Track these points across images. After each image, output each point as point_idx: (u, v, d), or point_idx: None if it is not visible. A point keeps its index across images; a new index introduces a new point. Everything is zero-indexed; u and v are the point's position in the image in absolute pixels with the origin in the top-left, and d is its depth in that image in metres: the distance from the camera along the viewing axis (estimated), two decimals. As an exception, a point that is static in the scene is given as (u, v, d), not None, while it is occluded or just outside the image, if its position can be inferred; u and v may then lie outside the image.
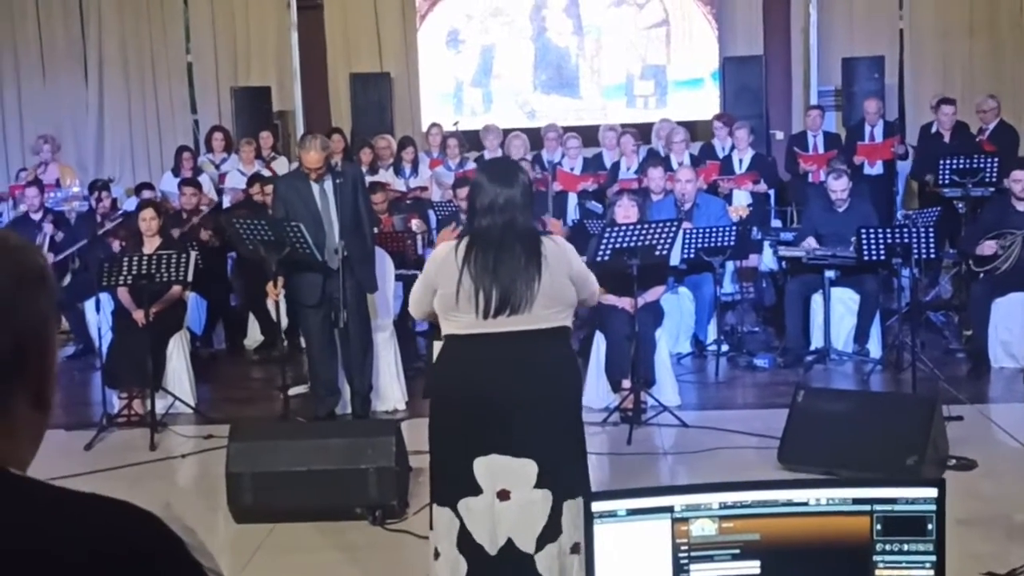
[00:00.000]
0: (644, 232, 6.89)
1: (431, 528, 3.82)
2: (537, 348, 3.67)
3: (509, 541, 3.63)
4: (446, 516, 3.70)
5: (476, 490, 3.62)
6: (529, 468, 3.59)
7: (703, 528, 2.05)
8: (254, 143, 11.66)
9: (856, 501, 2.06)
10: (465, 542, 3.66)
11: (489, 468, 3.61)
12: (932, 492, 2.06)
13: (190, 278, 7.34)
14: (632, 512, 2.04)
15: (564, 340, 3.79)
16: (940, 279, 10.04)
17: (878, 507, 2.06)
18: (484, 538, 3.63)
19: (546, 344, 3.68)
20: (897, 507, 2.06)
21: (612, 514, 2.03)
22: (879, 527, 2.07)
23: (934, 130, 10.95)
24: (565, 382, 3.78)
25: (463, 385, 3.70)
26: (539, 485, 3.60)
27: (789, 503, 2.06)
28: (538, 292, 3.61)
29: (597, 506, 2.03)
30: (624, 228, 6.94)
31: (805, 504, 2.06)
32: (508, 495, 3.60)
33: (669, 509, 2.04)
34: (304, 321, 7.03)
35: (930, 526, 2.07)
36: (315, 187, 6.75)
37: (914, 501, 2.06)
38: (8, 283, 1.29)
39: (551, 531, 3.62)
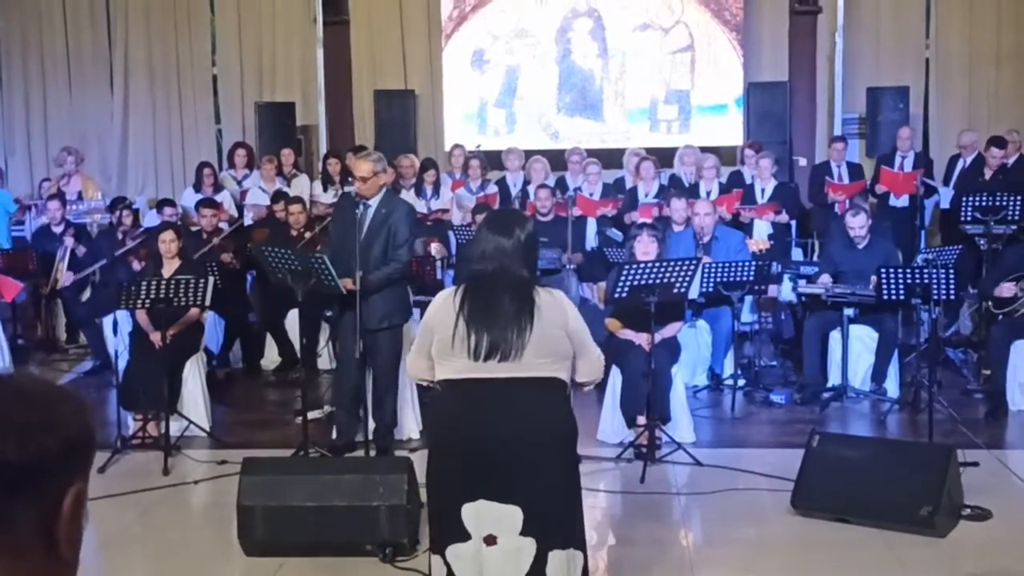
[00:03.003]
0: (663, 270, 6.87)
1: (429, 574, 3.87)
2: (527, 396, 3.68)
3: None
4: (437, 563, 3.75)
5: (464, 536, 3.65)
6: (515, 514, 3.61)
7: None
8: (275, 160, 11.67)
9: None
10: None
11: (477, 513, 3.64)
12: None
13: (208, 302, 7.33)
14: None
15: (556, 391, 3.76)
16: (961, 313, 9.96)
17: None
18: None
19: (537, 393, 3.70)
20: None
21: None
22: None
23: (965, 165, 10.90)
24: (554, 432, 3.73)
25: (454, 430, 3.75)
26: (524, 532, 3.62)
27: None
28: (529, 341, 3.64)
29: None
30: (643, 265, 6.92)
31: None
32: (495, 540, 3.63)
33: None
34: (341, 342, 7.06)
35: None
36: (359, 212, 6.70)
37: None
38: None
39: None
